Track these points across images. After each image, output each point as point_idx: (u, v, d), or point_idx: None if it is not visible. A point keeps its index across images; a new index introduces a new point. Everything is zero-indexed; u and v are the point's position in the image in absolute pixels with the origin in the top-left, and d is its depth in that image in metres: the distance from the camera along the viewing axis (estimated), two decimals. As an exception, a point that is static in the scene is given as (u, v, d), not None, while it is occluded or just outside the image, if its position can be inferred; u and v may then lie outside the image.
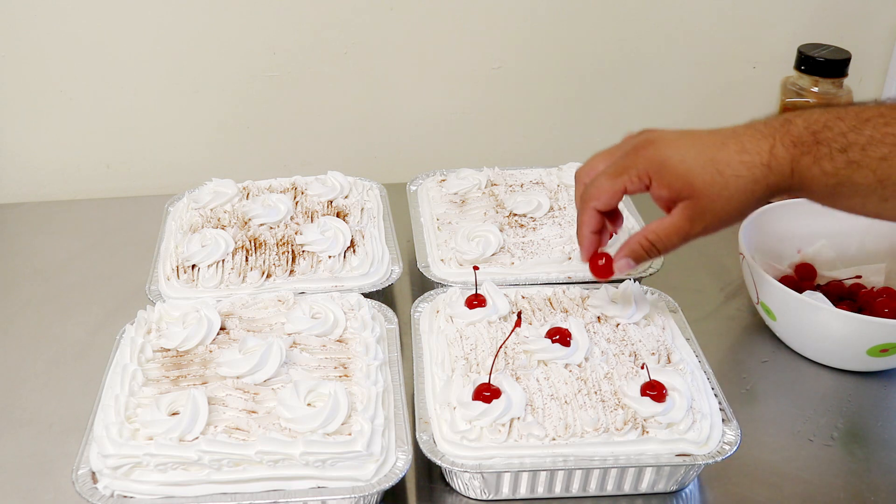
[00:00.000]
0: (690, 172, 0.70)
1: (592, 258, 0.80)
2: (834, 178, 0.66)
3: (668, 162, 0.71)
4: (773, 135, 0.68)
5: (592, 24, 1.24)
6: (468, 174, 1.08)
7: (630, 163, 0.73)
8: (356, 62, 1.24)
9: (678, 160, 0.70)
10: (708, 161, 0.69)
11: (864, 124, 0.65)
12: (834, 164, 0.66)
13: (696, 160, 0.70)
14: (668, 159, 0.71)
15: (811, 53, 1.13)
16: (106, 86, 1.22)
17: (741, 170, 0.68)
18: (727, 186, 0.69)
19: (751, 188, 0.69)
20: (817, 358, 0.92)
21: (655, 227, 0.75)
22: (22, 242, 1.17)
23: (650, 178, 0.72)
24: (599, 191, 0.75)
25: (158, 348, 0.81)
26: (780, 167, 0.68)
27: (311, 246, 0.94)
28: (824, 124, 0.66)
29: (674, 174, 0.70)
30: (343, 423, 0.71)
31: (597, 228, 0.78)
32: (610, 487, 0.76)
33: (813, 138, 0.67)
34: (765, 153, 0.68)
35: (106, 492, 0.69)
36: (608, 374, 0.78)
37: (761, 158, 0.68)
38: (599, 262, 0.80)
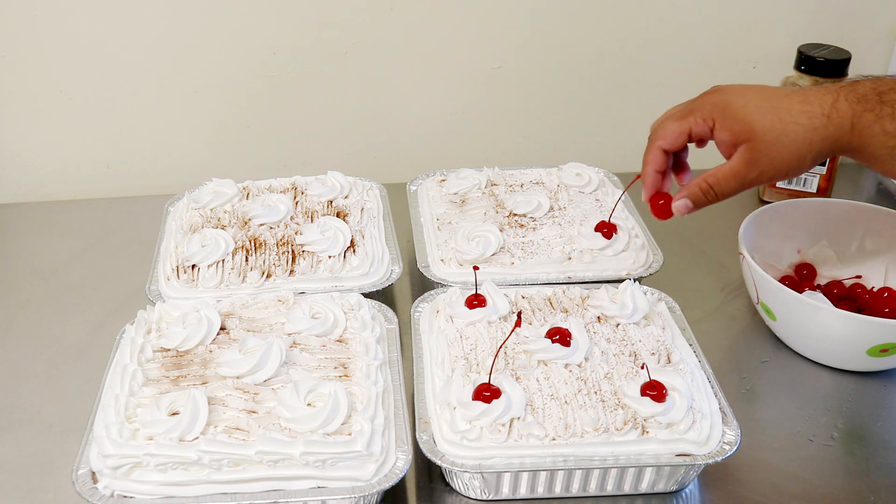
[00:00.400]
0: (751, 116, 0.72)
1: (653, 197, 0.82)
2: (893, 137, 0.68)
3: (732, 106, 0.74)
4: (839, 90, 0.70)
5: (592, 24, 1.24)
6: (468, 174, 1.08)
7: (696, 106, 0.77)
8: (356, 62, 1.24)
9: (741, 104, 0.73)
10: (770, 108, 0.72)
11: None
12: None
13: (758, 106, 0.72)
14: (731, 103, 0.74)
15: (811, 53, 1.13)
16: (106, 86, 1.22)
17: (802, 118, 0.70)
18: (786, 132, 0.71)
19: (809, 137, 0.71)
20: (817, 358, 0.92)
21: (714, 171, 0.76)
22: (22, 242, 1.17)
23: (714, 121, 0.75)
24: (665, 130, 0.78)
25: (158, 348, 0.81)
26: (840, 120, 0.70)
27: (311, 246, 0.94)
28: (891, 87, 0.68)
29: (735, 117, 0.73)
30: (343, 423, 0.71)
31: (660, 168, 0.80)
32: (610, 487, 0.76)
33: (878, 98, 0.68)
34: (827, 105, 0.70)
35: (106, 492, 0.70)
36: (608, 374, 0.78)
37: (823, 109, 0.70)
38: (660, 202, 0.81)
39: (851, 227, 1.00)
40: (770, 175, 0.74)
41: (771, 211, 0.99)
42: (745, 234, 0.95)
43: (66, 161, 1.28)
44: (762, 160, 0.73)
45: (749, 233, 0.95)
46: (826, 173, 1.17)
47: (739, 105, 0.73)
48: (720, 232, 1.11)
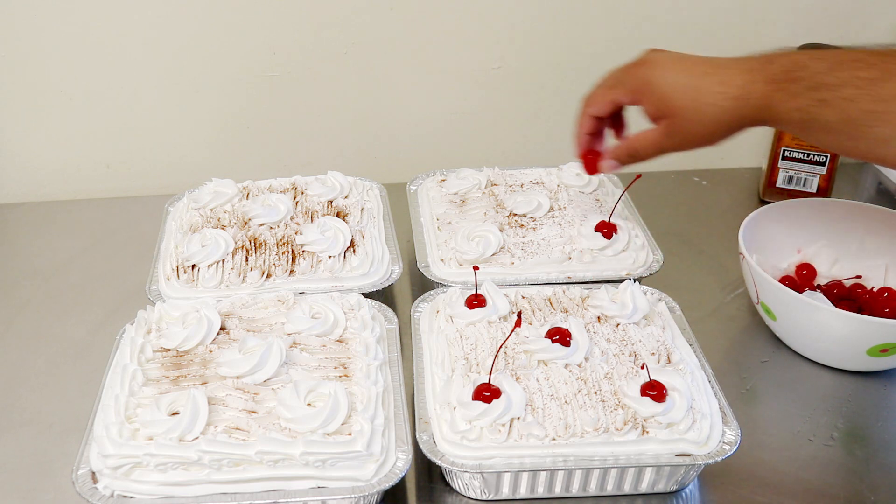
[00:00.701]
0: (671, 96, 0.78)
1: (584, 154, 0.90)
2: (804, 113, 0.71)
3: (655, 83, 0.79)
4: (753, 70, 0.74)
5: (592, 24, 1.24)
6: (468, 174, 1.08)
7: (624, 78, 0.83)
8: (356, 62, 1.24)
9: (663, 82, 0.78)
10: (689, 87, 0.77)
11: (839, 66, 0.69)
12: (804, 101, 0.71)
13: (678, 85, 0.77)
14: (654, 80, 0.79)
15: (811, 53, 1.13)
16: (106, 86, 1.22)
17: (717, 99, 0.75)
18: (701, 111, 0.76)
19: (724, 116, 0.76)
20: (817, 358, 0.92)
21: (638, 137, 0.84)
22: (22, 242, 1.17)
23: (638, 95, 0.81)
24: (593, 98, 0.86)
25: (158, 348, 0.81)
26: (754, 100, 0.74)
27: (311, 246, 0.94)
28: (802, 64, 0.71)
29: (657, 95, 0.79)
30: (343, 423, 0.71)
31: (590, 131, 0.88)
32: (610, 487, 0.76)
33: (787, 76, 0.72)
34: (741, 87, 0.74)
35: (106, 492, 0.70)
36: (608, 374, 0.78)
37: (736, 91, 0.74)
38: (590, 157, 0.90)
39: (851, 227, 1.00)
40: (686, 146, 0.80)
41: (771, 211, 0.99)
42: (745, 234, 0.95)
43: (66, 161, 1.28)
44: (679, 134, 0.79)
45: (749, 233, 0.95)
46: (826, 173, 1.17)
47: (661, 83, 0.78)
48: (720, 232, 1.11)
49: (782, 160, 1.19)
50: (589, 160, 0.90)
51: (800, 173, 1.18)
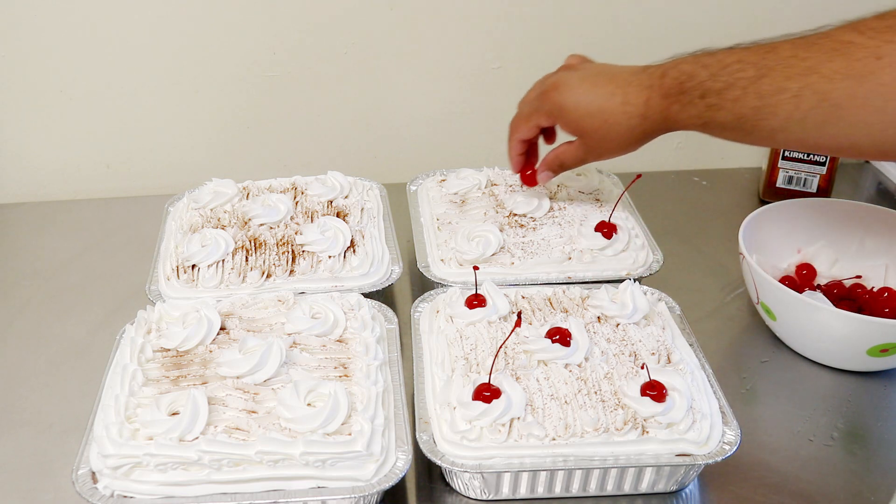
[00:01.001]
0: (582, 119, 0.87)
1: (521, 171, 1.00)
2: (699, 119, 0.79)
3: (566, 108, 0.88)
4: (651, 87, 0.82)
5: (592, 24, 1.24)
6: (468, 174, 1.08)
7: (539, 105, 0.91)
8: (356, 62, 1.24)
9: (573, 107, 0.87)
10: (597, 110, 0.86)
11: (723, 71, 0.76)
12: (697, 109, 0.78)
13: (588, 108, 0.86)
14: (565, 105, 0.88)
15: (811, 53, 1.12)
16: (106, 86, 1.22)
17: (622, 119, 0.84)
18: (610, 130, 0.86)
19: (630, 132, 0.85)
20: (817, 358, 0.92)
21: (562, 150, 0.93)
22: (22, 242, 1.17)
23: (555, 119, 0.91)
24: (517, 125, 0.95)
25: (158, 348, 0.81)
26: (654, 115, 0.82)
27: (311, 246, 0.94)
28: (689, 74, 0.78)
29: (569, 118, 0.89)
30: (343, 423, 0.71)
31: (522, 152, 0.97)
32: (610, 487, 0.76)
33: (679, 88, 0.79)
34: (642, 105, 0.83)
35: (106, 492, 0.70)
36: (608, 374, 0.78)
37: (638, 110, 0.83)
38: (527, 173, 1.00)
39: (851, 227, 1.00)
40: (604, 157, 0.90)
41: (771, 211, 0.99)
42: (745, 234, 0.95)
43: (66, 161, 1.28)
44: (595, 149, 0.89)
45: (749, 233, 0.95)
46: (826, 173, 1.17)
47: (572, 107, 0.87)
48: (720, 232, 1.11)
49: (782, 160, 1.19)
50: (526, 176, 1.00)
51: (800, 173, 1.18)
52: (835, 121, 0.70)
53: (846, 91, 0.68)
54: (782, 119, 0.72)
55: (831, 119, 0.70)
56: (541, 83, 0.94)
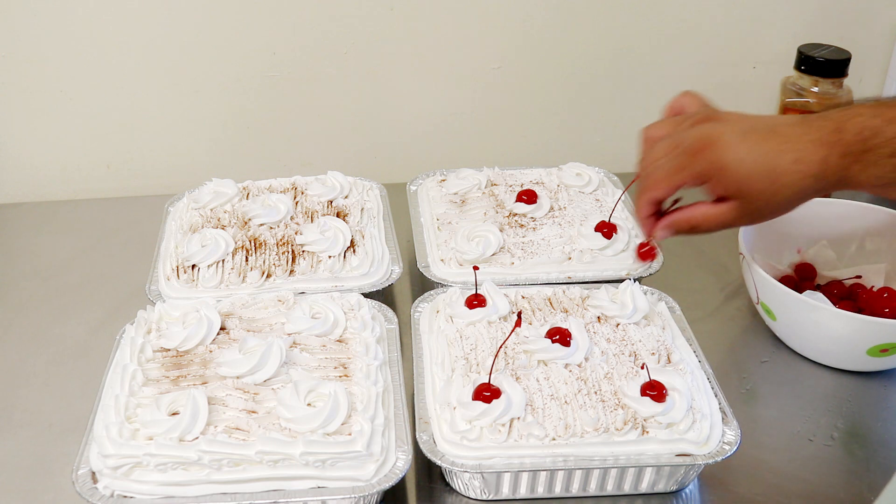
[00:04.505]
0: (748, 179, 0.74)
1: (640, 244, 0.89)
2: (884, 179, 0.70)
3: (728, 168, 0.74)
4: (828, 143, 0.71)
5: (592, 24, 1.24)
6: (468, 174, 1.08)
7: (689, 163, 0.76)
8: (356, 62, 1.24)
9: (736, 167, 0.74)
10: (765, 170, 0.73)
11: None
12: (883, 168, 0.70)
13: (753, 167, 0.73)
14: (727, 165, 0.74)
15: (811, 53, 1.13)
16: (106, 86, 1.22)
17: (794, 178, 0.72)
18: (779, 192, 0.73)
19: (799, 194, 0.74)
20: (817, 358, 0.92)
21: (704, 211, 0.79)
22: (22, 242, 1.17)
23: (708, 179, 0.76)
24: (657, 184, 0.79)
25: (158, 348, 0.81)
26: (830, 175, 0.72)
27: (311, 246, 0.94)
28: (874, 130, 0.69)
29: (731, 179, 0.74)
30: (343, 423, 0.71)
31: (653, 213, 0.82)
32: (610, 487, 0.76)
33: (863, 146, 0.70)
34: (817, 163, 0.71)
35: (106, 492, 0.70)
36: (608, 374, 0.78)
37: (814, 168, 0.72)
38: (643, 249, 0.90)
39: (851, 227, 1.00)
40: (759, 221, 0.78)
41: (771, 211, 0.99)
42: (745, 234, 0.95)
43: (66, 161, 1.28)
44: (752, 213, 0.77)
45: (749, 233, 0.95)
46: (826, 173, 1.17)
47: (735, 166, 0.74)
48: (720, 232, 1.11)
49: (782, 160, 1.18)
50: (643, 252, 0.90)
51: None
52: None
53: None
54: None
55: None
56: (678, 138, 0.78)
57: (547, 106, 1.31)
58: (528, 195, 1.02)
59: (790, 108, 1.18)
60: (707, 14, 1.25)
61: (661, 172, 0.78)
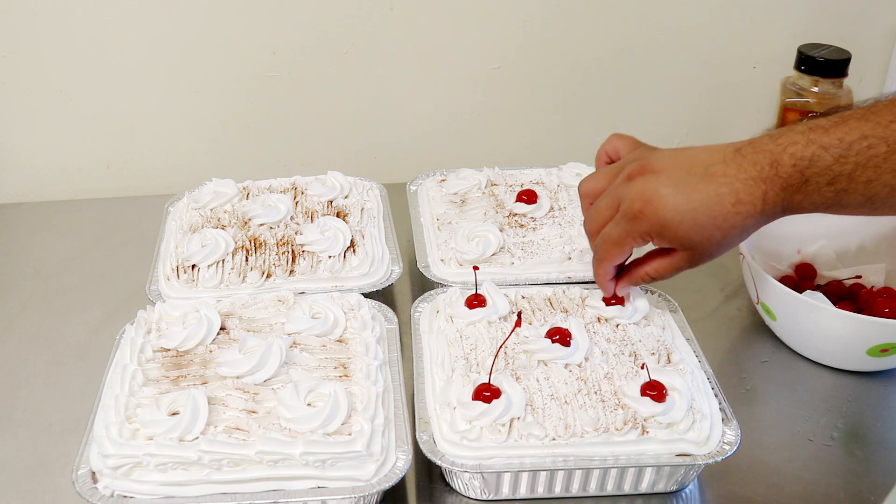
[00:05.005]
0: (690, 232, 0.74)
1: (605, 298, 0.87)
2: (824, 205, 0.71)
3: (669, 224, 0.74)
4: (765, 181, 0.71)
5: (592, 24, 1.24)
6: (468, 174, 1.08)
7: (632, 228, 0.77)
8: (356, 62, 1.24)
9: (677, 222, 0.74)
10: (706, 219, 0.73)
11: (849, 151, 0.68)
12: (823, 196, 0.70)
13: (694, 219, 0.73)
14: (668, 222, 0.74)
15: (811, 53, 1.13)
16: (106, 86, 1.22)
17: (737, 220, 0.72)
18: (725, 236, 0.74)
19: (746, 231, 0.74)
20: (817, 358, 0.92)
21: (657, 265, 0.80)
22: (22, 242, 1.17)
23: (652, 237, 0.77)
24: (608, 253, 0.81)
25: (158, 348, 0.81)
26: (772, 210, 0.72)
27: (311, 246, 0.94)
28: (810, 160, 0.69)
29: (674, 234, 0.75)
30: (343, 423, 0.71)
31: (613, 276, 0.84)
32: (610, 487, 0.76)
33: (800, 177, 0.70)
34: (758, 201, 0.71)
35: (106, 492, 0.70)
36: (608, 374, 0.78)
37: (756, 207, 0.72)
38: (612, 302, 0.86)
39: (851, 227, 1.00)
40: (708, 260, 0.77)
41: (771, 211, 0.99)
42: (745, 234, 0.95)
43: (66, 161, 1.28)
44: (703, 258, 0.77)
45: (749, 233, 0.95)
46: (826, 173, 1.17)
47: (676, 223, 0.73)
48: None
49: (782, 160, 1.18)
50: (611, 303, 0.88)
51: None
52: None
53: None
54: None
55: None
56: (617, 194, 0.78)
57: (547, 106, 1.31)
58: (528, 195, 1.02)
59: (790, 108, 1.18)
60: (707, 14, 1.25)
61: (610, 243, 0.79)
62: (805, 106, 1.16)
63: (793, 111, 1.18)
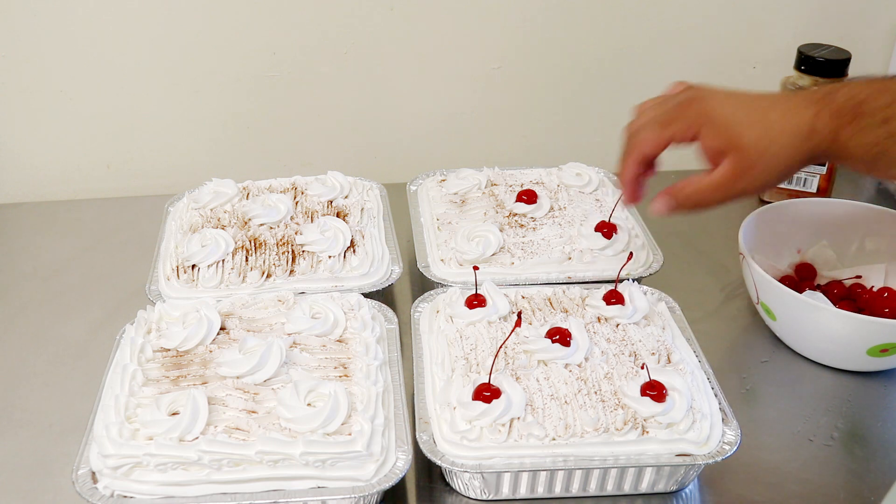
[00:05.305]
0: (739, 126, 0.71)
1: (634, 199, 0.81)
2: (874, 147, 0.68)
3: (718, 115, 0.72)
4: (819, 102, 0.70)
5: (592, 24, 1.24)
6: (468, 174, 1.08)
7: (679, 114, 0.74)
8: (356, 62, 1.24)
9: (728, 113, 0.72)
10: (757, 118, 0.71)
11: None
12: (874, 136, 0.67)
13: (745, 116, 0.71)
14: (717, 112, 0.72)
15: (811, 53, 1.13)
16: (106, 86, 1.22)
17: (787, 129, 0.70)
18: (773, 143, 0.70)
19: (794, 150, 0.70)
20: (818, 358, 0.92)
21: (699, 181, 0.75)
22: (22, 242, 1.17)
23: (698, 130, 0.73)
24: (646, 140, 0.76)
25: (158, 348, 0.81)
26: (822, 133, 0.69)
27: (311, 246, 0.94)
28: (865, 97, 0.68)
29: (723, 126, 0.72)
30: (343, 423, 0.71)
31: (639, 172, 0.79)
32: (610, 487, 0.76)
33: (854, 110, 0.68)
34: (810, 118, 0.69)
35: (106, 492, 0.70)
36: (608, 374, 0.78)
37: (805, 124, 0.70)
38: None
39: (851, 227, 1.00)
40: (755, 186, 0.73)
41: (771, 211, 0.99)
42: (745, 234, 0.95)
43: (66, 161, 1.28)
44: (749, 172, 0.72)
45: (749, 233, 0.95)
46: (826, 173, 1.17)
47: (726, 115, 0.72)
48: (720, 232, 1.11)
49: (782, 160, 1.18)
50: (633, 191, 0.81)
51: (800, 173, 1.18)
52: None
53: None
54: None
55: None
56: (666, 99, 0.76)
57: (547, 106, 1.31)
58: (528, 195, 1.02)
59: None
60: (707, 14, 1.25)
61: (649, 128, 0.76)
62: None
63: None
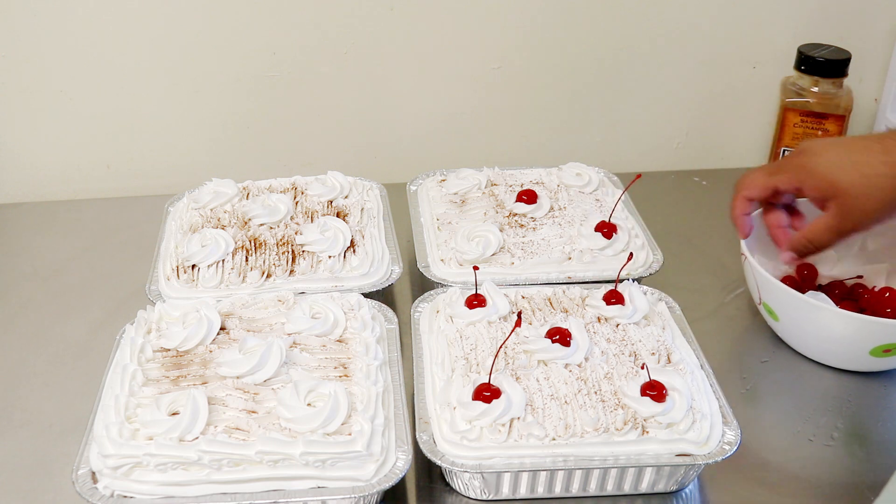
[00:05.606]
0: (835, 175, 0.78)
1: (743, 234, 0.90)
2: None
3: (816, 167, 0.80)
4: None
5: (592, 24, 1.24)
6: (468, 174, 1.08)
7: (783, 166, 0.84)
8: (356, 62, 1.24)
9: (824, 165, 0.79)
10: (851, 164, 0.77)
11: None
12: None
13: (839, 164, 0.78)
14: (815, 165, 0.80)
15: (811, 53, 1.13)
16: (106, 86, 1.22)
17: (883, 169, 0.75)
18: (870, 186, 0.76)
19: (892, 189, 0.76)
20: (820, 358, 0.92)
21: (813, 225, 0.83)
22: (22, 242, 1.17)
23: (800, 182, 0.82)
24: (751, 182, 0.86)
25: (158, 348, 0.81)
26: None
27: (311, 246, 0.94)
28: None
29: (820, 177, 0.79)
30: (343, 423, 0.71)
31: (747, 211, 0.88)
32: (610, 487, 0.76)
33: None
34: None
35: (106, 492, 0.70)
36: (608, 374, 0.78)
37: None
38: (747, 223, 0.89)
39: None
40: (865, 224, 0.79)
41: (771, 211, 0.99)
42: (745, 233, 0.95)
43: (66, 161, 1.28)
44: (853, 213, 0.78)
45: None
46: (826, 173, 1.17)
47: (823, 165, 0.79)
48: (720, 232, 1.11)
49: (782, 160, 1.18)
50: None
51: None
52: None
53: None
54: None
55: None
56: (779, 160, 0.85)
57: (547, 106, 1.31)
58: (528, 195, 1.02)
59: (790, 108, 1.18)
60: (707, 14, 1.25)
61: (757, 173, 0.86)
62: (805, 106, 1.16)
63: (793, 111, 1.18)
